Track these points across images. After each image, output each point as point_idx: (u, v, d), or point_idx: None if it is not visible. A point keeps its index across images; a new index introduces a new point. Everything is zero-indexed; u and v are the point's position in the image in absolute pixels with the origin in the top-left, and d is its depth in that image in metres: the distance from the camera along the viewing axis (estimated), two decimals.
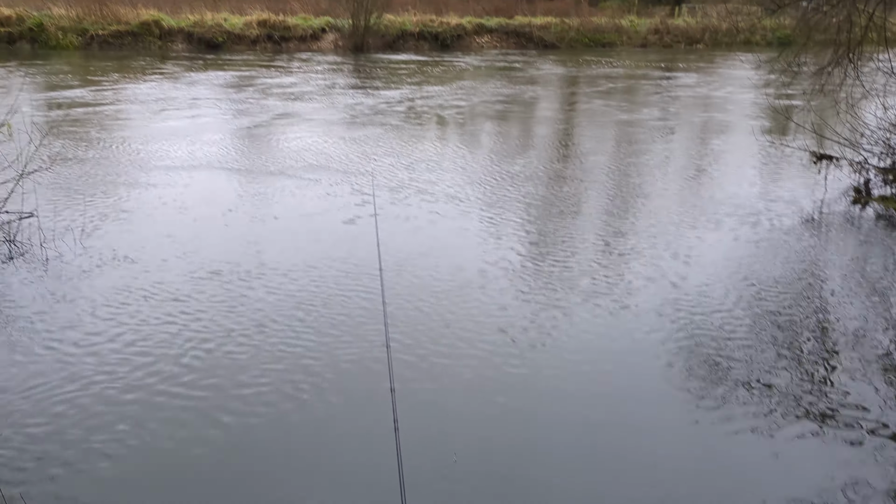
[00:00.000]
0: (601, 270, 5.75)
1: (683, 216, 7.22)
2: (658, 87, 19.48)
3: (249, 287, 5.31)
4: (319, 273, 5.59)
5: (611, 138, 11.68)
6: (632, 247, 6.31)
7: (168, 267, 5.67)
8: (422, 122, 12.71)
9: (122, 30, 28.38)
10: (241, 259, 5.85)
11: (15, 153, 6.82)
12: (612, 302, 5.17)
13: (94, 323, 4.72)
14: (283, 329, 4.68)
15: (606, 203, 7.75)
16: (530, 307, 5.06)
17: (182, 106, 14.18)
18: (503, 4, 39.69)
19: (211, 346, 4.45)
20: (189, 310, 4.93)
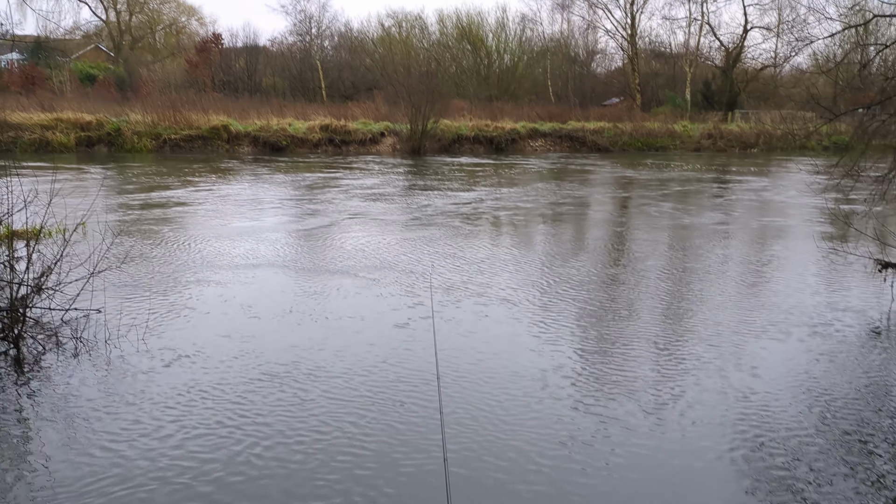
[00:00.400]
0: (663, 381, 5.58)
1: (745, 324, 7.02)
2: (713, 190, 19.44)
3: (305, 390, 5.30)
4: (375, 378, 5.56)
5: (666, 242, 11.60)
6: (694, 356, 6.12)
7: (226, 367, 5.73)
8: (477, 224, 12.88)
9: (193, 134, 29.99)
10: (298, 360, 5.88)
11: (88, 252, 7.13)
12: (677, 415, 4.98)
13: (151, 424, 4.75)
14: (338, 436, 4.62)
15: (664, 309, 7.61)
16: (590, 419, 4.90)
17: (246, 206, 14.71)
18: (557, 110, 40.79)
19: (264, 452, 4.41)
20: (245, 412, 4.93)
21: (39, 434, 4.63)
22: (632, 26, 50.82)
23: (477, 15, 54.87)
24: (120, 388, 5.30)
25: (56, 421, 4.80)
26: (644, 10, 51.47)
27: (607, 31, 53.32)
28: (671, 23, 52.83)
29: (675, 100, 48.31)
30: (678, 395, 5.31)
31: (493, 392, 5.31)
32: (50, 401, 5.12)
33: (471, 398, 5.19)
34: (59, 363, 5.79)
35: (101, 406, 5.01)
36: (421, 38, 57.45)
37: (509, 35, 54.93)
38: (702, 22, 49.86)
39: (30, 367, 5.75)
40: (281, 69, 52.14)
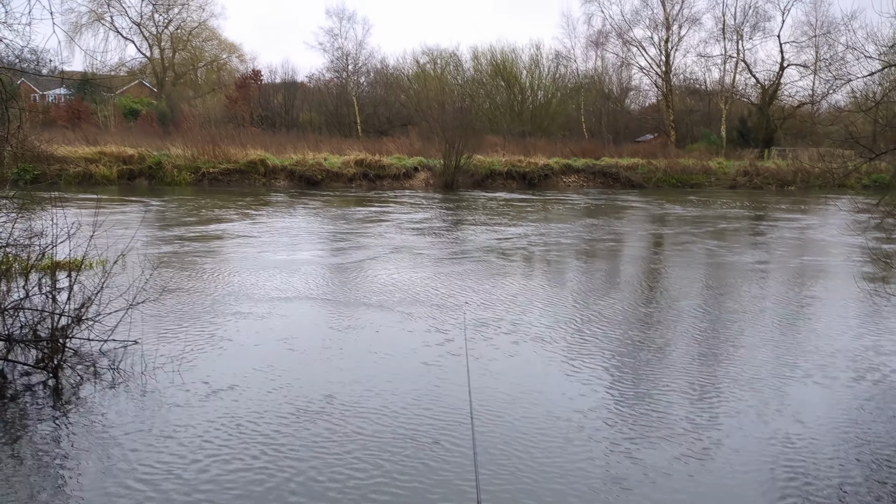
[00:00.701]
0: (701, 425, 5.45)
1: (786, 368, 6.85)
2: (750, 228, 19.19)
3: (339, 426, 5.28)
4: (409, 415, 5.53)
5: (702, 280, 11.44)
6: (733, 399, 5.98)
7: (260, 401, 5.74)
8: (511, 259, 12.85)
9: (231, 168, 30.59)
10: (332, 395, 5.87)
11: (127, 283, 7.26)
12: (717, 462, 4.85)
13: (186, 456, 4.76)
14: (373, 474, 4.58)
15: (701, 349, 7.47)
16: (627, 465, 4.80)
17: (282, 238, 14.89)
18: (590, 146, 40.81)
19: (298, 488, 4.39)
20: (279, 447, 4.92)
21: (76, 463, 4.67)
22: (666, 63, 50.87)
23: (511, 52, 55.36)
24: (156, 420, 5.33)
25: (93, 450, 4.84)
26: (679, 47, 51.51)
27: (641, 67, 53.31)
28: (706, 60, 52.64)
29: (711, 136, 48.03)
30: (718, 440, 5.18)
31: (527, 432, 5.23)
32: (87, 430, 5.17)
33: (505, 438, 5.12)
34: (96, 393, 5.86)
35: (137, 437, 5.04)
36: (455, 74, 58.12)
37: (543, 72, 55.33)
38: (737, 59, 49.74)
39: (68, 396, 5.83)
40: (318, 105, 53.08)
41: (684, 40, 52.20)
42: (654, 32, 51.09)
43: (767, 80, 50.01)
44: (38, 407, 5.62)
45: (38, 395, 5.86)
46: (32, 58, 11.10)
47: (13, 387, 5.98)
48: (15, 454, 4.80)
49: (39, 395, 5.85)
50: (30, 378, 6.15)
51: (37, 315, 6.34)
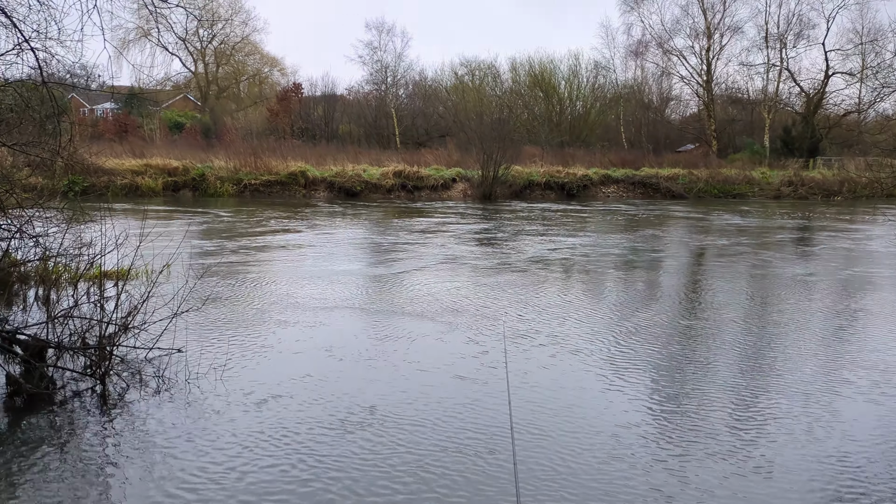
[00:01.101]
0: (747, 442, 5.33)
1: (836, 384, 6.66)
2: (796, 239, 18.80)
3: (379, 437, 5.29)
4: (448, 428, 5.51)
5: (747, 291, 11.21)
6: (780, 416, 5.84)
7: (300, 410, 5.78)
8: (549, 270, 12.77)
9: (272, 179, 31.05)
10: (373, 406, 5.88)
11: (172, 292, 7.39)
12: (764, 481, 4.73)
13: (227, 463, 4.81)
14: (409, 488, 4.57)
15: (746, 363, 7.30)
16: (672, 483, 4.71)
17: (322, 249, 15.04)
18: (629, 156, 40.50)
19: (336, 499, 4.40)
20: (319, 457, 4.94)
21: (121, 468, 4.75)
22: (707, 72, 50.28)
23: (549, 62, 55.30)
24: (198, 427, 5.41)
25: (137, 456, 4.93)
26: (720, 56, 50.91)
27: (682, 77, 52.79)
28: (749, 69, 51.85)
29: (754, 146, 47.27)
30: (765, 459, 5.05)
31: (568, 446, 5.17)
32: (132, 436, 5.26)
33: (546, 452, 5.07)
34: (141, 400, 5.96)
35: (180, 443, 5.11)
36: (493, 85, 58.24)
37: (582, 82, 55.14)
38: (781, 68, 48.94)
39: (114, 402, 5.94)
40: (357, 117, 53.66)
41: (726, 49, 51.57)
42: (694, 41, 50.64)
43: (812, 89, 49.12)
44: (86, 412, 5.75)
45: (85, 401, 6.00)
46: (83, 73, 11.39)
47: (62, 393, 6.12)
48: (63, 458, 4.91)
49: (87, 401, 5.98)
50: (78, 384, 6.29)
51: (85, 323, 6.49)
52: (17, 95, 7.34)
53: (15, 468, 4.74)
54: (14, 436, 5.29)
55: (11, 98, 7.52)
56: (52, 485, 4.52)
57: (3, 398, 5.97)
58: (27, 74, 7.00)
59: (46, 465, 4.80)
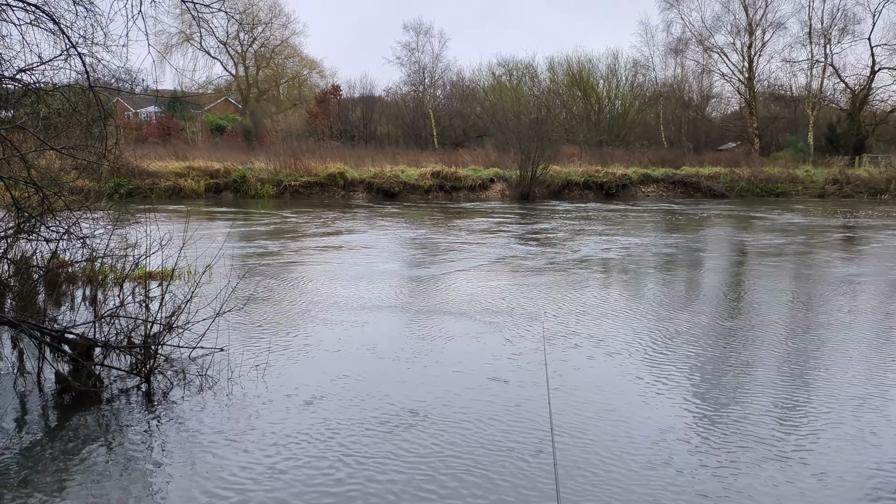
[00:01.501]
0: (794, 449, 5.20)
1: (887, 387, 6.48)
2: (842, 238, 18.33)
3: (419, 438, 5.29)
4: (486, 430, 5.49)
5: (791, 292, 10.95)
6: (830, 422, 5.69)
7: (341, 410, 5.81)
8: (589, 270, 12.66)
9: (311, 181, 31.36)
10: (412, 406, 5.89)
11: (214, 293, 7.50)
12: (816, 487, 4.62)
13: (268, 461, 4.86)
14: (449, 490, 4.57)
15: (792, 366, 7.13)
16: (715, 489, 4.62)
17: (362, 249, 15.12)
18: (669, 155, 39.97)
19: (375, 501, 4.41)
20: (358, 457, 4.96)
21: (164, 465, 4.83)
22: (749, 70, 49.39)
23: (588, 62, 54.92)
24: (240, 426, 5.47)
25: (180, 453, 5.00)
26: (762, 53, 49.95)
27: (723, 74, 51.92)
28: (792, 65, 50.82)
29: (797, 144, 46.28)
30: (815, 466, 4.92)
31: (614, 455, 5.11)
32: (176, 434, 5.35)
33: (587, 457, 5.02)
34: (185, 398, 6.06)
35: (222, 442, 5.18)
36: (531, 85, 58.03)
37: (620, 81, 54.64)
38: (825, 64, 47.84)
39: (159, 400, 6.05)
40: (395, 118, 53.92)
41: (768, 45, 50.58)
42: (736, 38, 49.81)
43: (857, 85, 47.89)
44: (132, 410, 5.86)
45: (131, 398, 6.11)
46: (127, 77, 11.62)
47: (109, 390, 6.25)
48: (109, 454, 5.01)
49: (133, 399, 6.09)
50: (124, 382, 6.42)
51: (131, 323, 6.61)
52: (64, 100, 7.51)
53: (63, 463, 4.85)
54: (63, 432, 5.41)
55: (59, 102, 7.70)
56: (99, 480, 4.61)
57: (52, 396, 6.12)
58: (74, 79, 7.16)
59: (94, 460, 4.90)
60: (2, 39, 6.97)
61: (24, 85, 6.94)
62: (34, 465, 4.85)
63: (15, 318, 6.34)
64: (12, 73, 6.85)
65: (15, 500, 4.36)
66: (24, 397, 6.11)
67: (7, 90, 7.46)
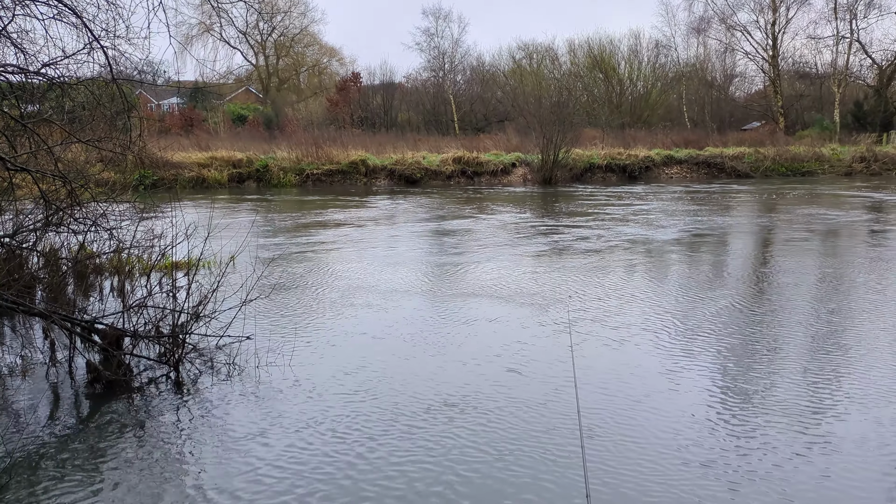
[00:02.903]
0: (825, 439, 5.16)
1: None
2: (868, 218, 18.03)
3: (445, 426, 5.31)
4: (512, 418, 5.50)
5: (818, 273, 10.80)
6: (863, 405, 5.63)
7: (366, 396, 5.85)
8: (614, 254, 12.57)
9: (333, 169, 31.42)
10: (440, 393, 5.91)
11: (240, 281, 7.57)
12: (843, 475, 4.58)
13: (294, 447, 4.91)
14: (476, 478, 4.59)
15: (821, 350, 7.05)
16: (745, 478, 4.59)
17: (386, 235, 15.16)
18: (693, 136, 39.43)
19: (401, 488, 4.44)
20: (384, 445, 5.00)
21: (194, 452, 4.90)
22: (773, 47, 48.53)
23: (609, 43, 54.28)
24: (268, 413, 5.53)
25: (209, 441, 5.07)
26: (786, 30, 49.03)
27: (746, 53, 51.05)
28: (817, 42, 49.87)
29: (823, 122, 45.48)
30: (847, 455, 4.89)
31: (643, 445, 5.10)
32: (205, 421, 5.42)
33: (622, 452, 5.01)
34: (213, 386, 6.13)
35: (250, 428, 5.24)
36: (552, 68, 57.52)
37: (642, 62, 53.95)
38: (851, 40, 46.84)
39: (187, 389, 6.13)
40: (415, 104, 53.79)
41: (792, 22, 49.66)
42: (759, 16, 48.88)
43: (885, 61, 46.80)
44: (161, 398, 5.94)
45: (160, 387, 6.20)
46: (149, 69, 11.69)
47: (139, 379, 6.35)
48: (140, 442, 5.09)
49: (162, 388, 6.18)
50: (154, 371, 6.52)
51: (159, 312, 6.70)
52: (88, 93, 7.59)
53: (96, 450, 4.94)
54: (95, 420, 5.51)
55: (83, 96, 7.78)
56: (130, 467, 4.69)
57: (83, 385, 6.23)
58: (97, 72, 7.23)
59: (125, 448, 4.99)
60: (26, 35, 7.05)
61: (49, 79, 7.02)
62: (69, 452, 4.94)
63: (46, 310, 6.45)
64: (37, 67, 6.93)
65: (50, 488, 4.45)
66: (56, 387, 6.22)
67: (32, 84, 7.55)
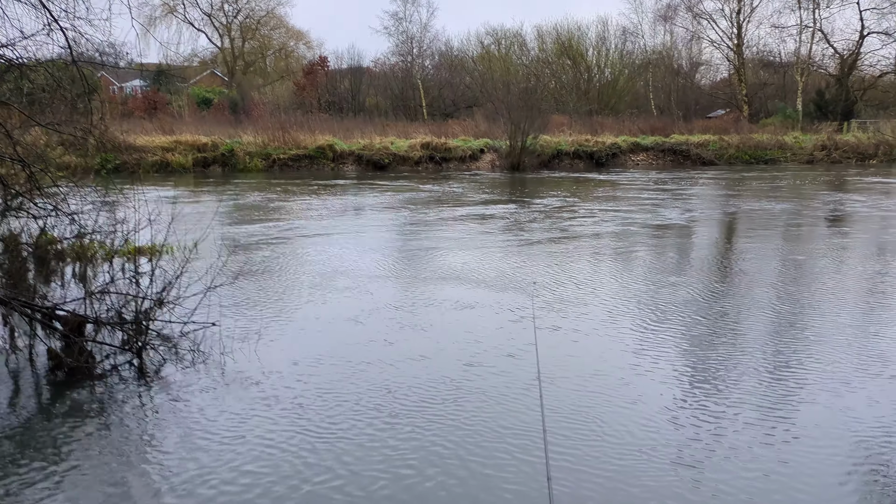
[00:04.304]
0: (776, 417, 5.32)
1: (868, 356, 6.59)
2: (829, 204, 18.44)
3: (410, 409, 5.36)
4: (473, 400, 5.57)
5: (779, 259, 11.05)
6: (810, 386, 5.81)
7: (332, 382, 5.87)
8: (580, 241, 12.71)
9: (300, 154, 31.18)
10: (404, 378, 5.95)
11: (205, 268, 7.51)
12: (797, 454, 4.73)
13: (259, 432, 4.92)
14: (437, 461, 4.65)
15: (777, 334, 7.24)
16: (701, 455, 4.73)
17: (353, 221, 15.12)
18: (659, 123, 39.88)
19: (369, 473, 4.48)
20: (341, 437, 5.03)
21: (158, 439, 4.88)
22: (738, 36, 49.18)
23: (577, 30, 54.49)
24: (232, 399, 5.52)
25: (173, 427, 5.05)
26: (751, 18, 49.69)
27: (712, 41, 51.69)
28: (780, 31, 50.66)
29: (786, 110, 46.27)
30: (802, 441, 5.05)
31: (601, 439, 5.21)
32: (169, 408, 5.40)
33: (575, 427, 5.11)
34: (177, 373, 6.10)
35: (214, 414, 5.23)
36: (520, 54, 57.60)
37: (610, 49, 54.28)
38: (814, 29, 47.65)
39: (151, 376, 6.09)
40: (383, 89, 53.48)
41: (757, 11, 50.38)
42: (724, 4, 49.48)
43: (846, 50, 47.79)
44: (124, 385, 5.90)
45: (123, 374, 6.15)
46: (111, 52, 11.46)
47: (101, 366, 6.29)
48: (102, 429, 5.06)
49: (125, 375, 6.13)
50: (116, 358, 6.46)
51: (121, 299, 6.63)
52: (48, 75, 7.43)
53: (57, 439, 4.90)
54: (56, 408, 5.46)
55: (43, 78, 7.62)
56: (93, 454, 4.67)
57: (45, 372, 6.16)
58: (57, 54, 7.08)
59: (87, 435, 4.95)
60: None
61: (7, 60, 6.85)
62: (29, 440, 4.89)
63: (5, 296, 6.34)
64: None
65: (10, 474, 4.41)
66: (16, 374, 6.14)
67: None
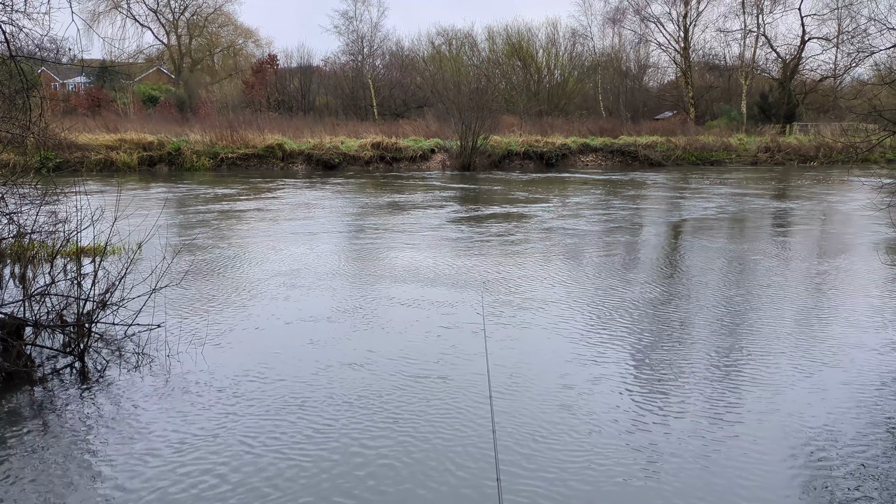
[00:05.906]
0: (720, 411, 5.47)
1: (808, 351, 6.83)
2: (772, 205, 19.00)
3: (359, 409, 5.36)
4: (426, 399, 5.59)
5: (723, 258, 11.34)
6: (751, 380, 5.99)
7: (278, 383, 5.82)
8: (528, 242, 12.84)
9: (249, 153, 30.77)
10: (353, 376, 5.94)
11: (150, 269, 7.37)
12: (737, 445, 4.87)
13: (204, 436, 4.85)
14: (388, 455, 4.66)
15: (720, 331, 7.45)
16: (647, 446, 4.83)
17: (301, 223, 14.98)
18: (608, 125, 40.50)
19: (305, 483, 4.47)
20: (288, 442, 5.00)
21: (100, 443, 4.77)
22: (685, 39, 50.22)
23: (527, 31, 54.96)
24: (178, 402, 5.44)
25: (116, 431, 4.95)
26: (697, 22, 50.80)
27: (659, 44, 52.65)
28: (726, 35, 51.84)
29: (731, 113, 47.45)
30: (738, 428, 5.20)
31: (552, 437, 5.28)
32: (112, 412, 5.28)
33: (524, 420, 5.17)
34: (121, 377, 5.97)
35: (159, 417, 5.15)
36: (471, 55, 57.83)
37: (560, 50, 54.89)
38: (758, 34, 48.95)
39: (94, 379, 5.95)
40: (334, 88, 53.08)
41: (703, 15, 51.60)
42: (672, 8, 50.42)
43: (788, 55, 49.20)
44: (65, 389, 5.75)
45: (64, 378, 5.99)
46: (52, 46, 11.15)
47: (41, 370, 6.11)
48: (42, 434, 4.93)
49: (66, 379, 5.98)
50: (57, 362, 6.29)
51: (63, 301, 6.46)
52: None
53: None
54: None
55: None
56: (30, 462, 4.54)
57: None
58: None
59: (25, 440, 4.81)
60: None
61: None
62: None
63: None
64: None
65: None
66: None
67: None
